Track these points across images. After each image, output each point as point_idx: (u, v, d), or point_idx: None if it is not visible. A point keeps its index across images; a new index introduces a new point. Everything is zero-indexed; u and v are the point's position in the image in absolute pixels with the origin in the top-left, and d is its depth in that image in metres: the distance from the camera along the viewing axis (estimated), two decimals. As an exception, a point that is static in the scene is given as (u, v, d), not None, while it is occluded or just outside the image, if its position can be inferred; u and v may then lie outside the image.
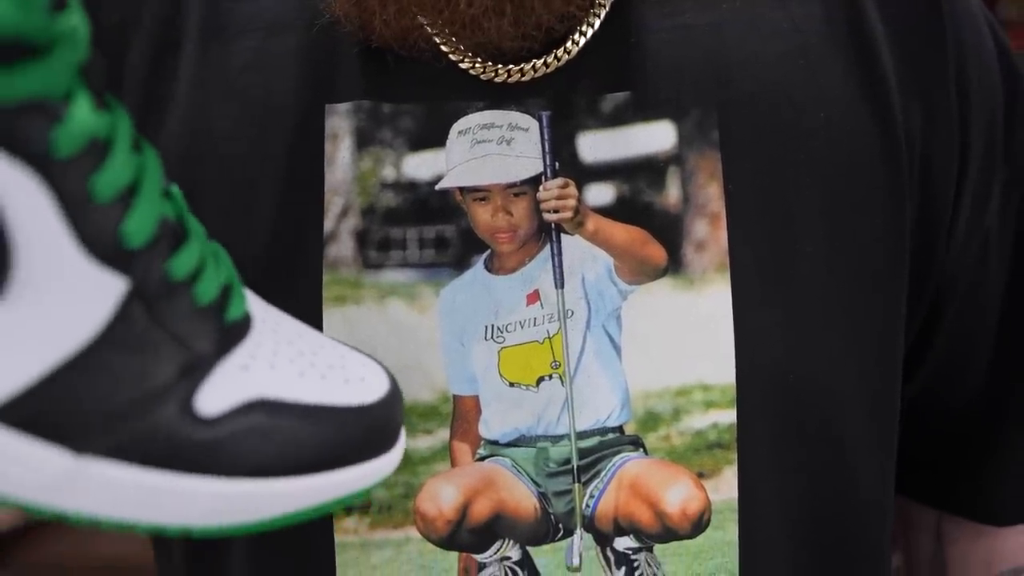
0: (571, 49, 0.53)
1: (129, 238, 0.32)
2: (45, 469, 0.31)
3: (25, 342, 0.30)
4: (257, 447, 0.35)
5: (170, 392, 0.33)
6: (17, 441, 0.30)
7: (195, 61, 0.54)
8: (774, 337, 0.52)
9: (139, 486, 0.33)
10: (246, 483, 0.34)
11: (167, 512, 0.33)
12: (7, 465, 0.30)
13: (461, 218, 0.52)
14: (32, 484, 0.31)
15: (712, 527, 0.51)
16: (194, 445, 0.33)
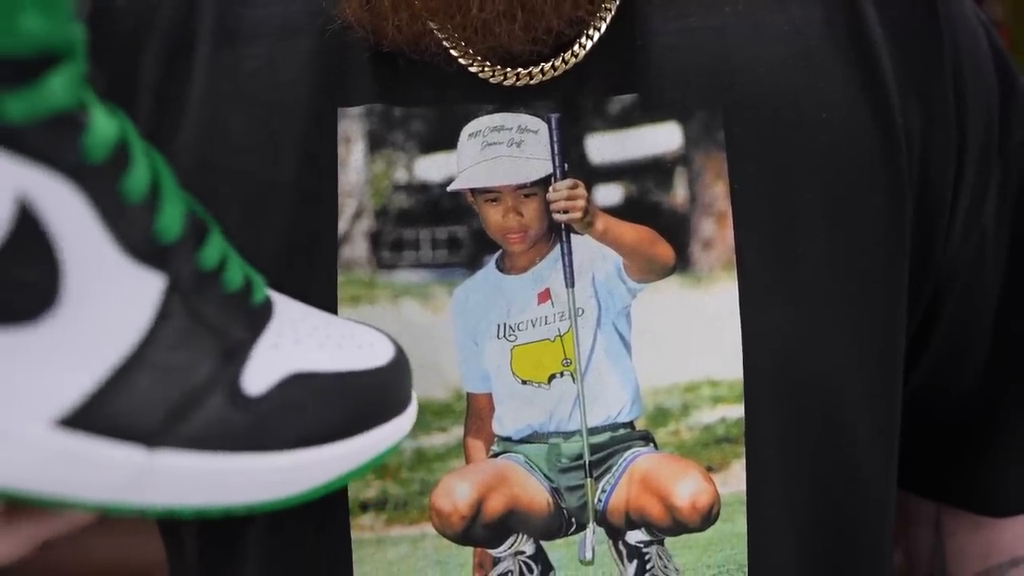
0: (578, 52, 0.54)
1: (163, 235, 0.33)
2: (122, 468, 0.32)
3: (83, 349, 0.31)
4: (300, 418, 0.36)
5: (218, 377, 0.34)
6: (93, 444, 0.31)
7: (208, 66, 0.55)
8: (780, 333, 0.53)
9: (206, 472, 0.34)
10: (296, 454, 0.36)
11: (234, 492, 0.35)
12: (87, 469, 0.31)
13: (473, 219, 0.53)
14: (112, 484, 0.32)
15: (721, 520, 0.53)
16: (246, 425, 0.34)
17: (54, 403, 0.30)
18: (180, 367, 0.33)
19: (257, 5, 0.56)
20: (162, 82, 0.55)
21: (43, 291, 0.30)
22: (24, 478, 0.30)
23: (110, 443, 0.32)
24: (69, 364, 0.31)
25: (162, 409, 0.32)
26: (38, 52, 0.29)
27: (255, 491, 0.35)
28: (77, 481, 0.31)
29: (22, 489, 0.30)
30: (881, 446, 0.57)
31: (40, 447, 0.30)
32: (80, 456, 0.31)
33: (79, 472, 0.31)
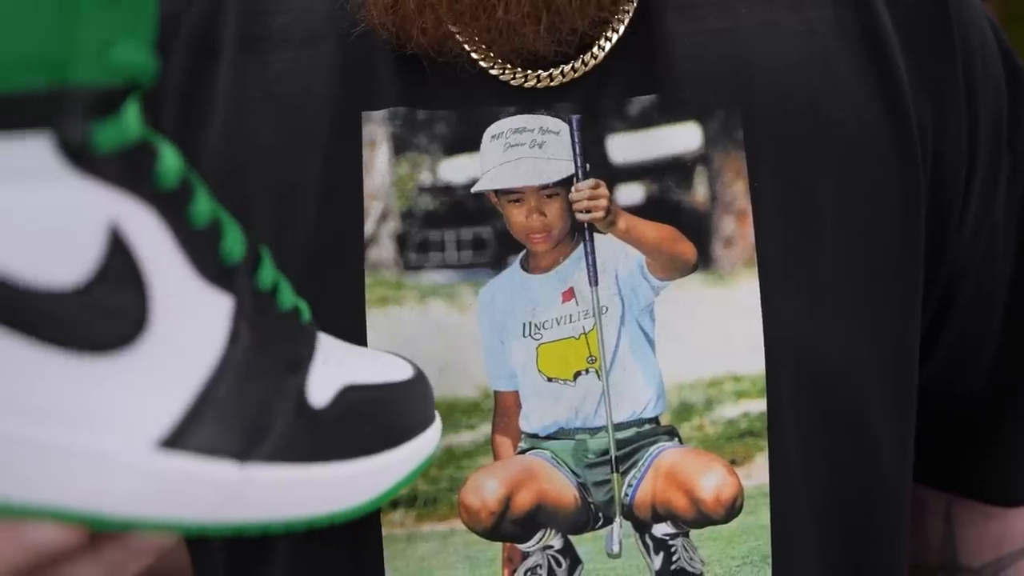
0: (597, 54, 0.55)
1: (228, 257, 0.34)
2: (221, 486, 0.33)
3: (172, 371, 0.31)
4: (358, 427, 0.37)
5: (287, 392, 0.35)
6: (193, 463, 0.32)
7: (233, 73, 0.56)
8: (801, 328, 0.54)
9: (292, 483, 0.35)
10: (362, 462, 0.37)
11: (316, 503, 0.35)
12: (190, 489, 0.32)
13: (497, 220, 0.54)
14: (212, 503, 0.33)
15: (745, 512, 0.53)
16: (316, 436, 0.35)
17: (153, 426, 0.31)
18: (254, 384, 0.34)
19: (280, 12, 0.56)
20: (188, 89, 0.56)
21: (134, 317, 0.31)
22: (132, 503, 0.31)
23: (208, 461, 0.32)
24: (161, 387, 0.31)
25: (244, 426, 0.33)
26: (124, 83, 0.29)
27: (334, 501, 0.36)
28: (181, 502, 0.32)
29: (131, 515, 0.31)
30: (898, 437, 0.58)
31: (147, 470, 0.31)
32: (183, 476, 0.32)
33: (183, 492, 0.32)
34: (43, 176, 0.28)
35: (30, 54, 0.26)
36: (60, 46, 0.27)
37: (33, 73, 0.27)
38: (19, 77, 0.26)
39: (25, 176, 0.28)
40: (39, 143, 0.28)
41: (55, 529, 0.31)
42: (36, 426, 0.29)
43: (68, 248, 0.29)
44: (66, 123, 0.28)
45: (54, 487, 0.29)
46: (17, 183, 0.28)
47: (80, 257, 0.29)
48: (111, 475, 0.30)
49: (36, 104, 0.27)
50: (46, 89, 0.27)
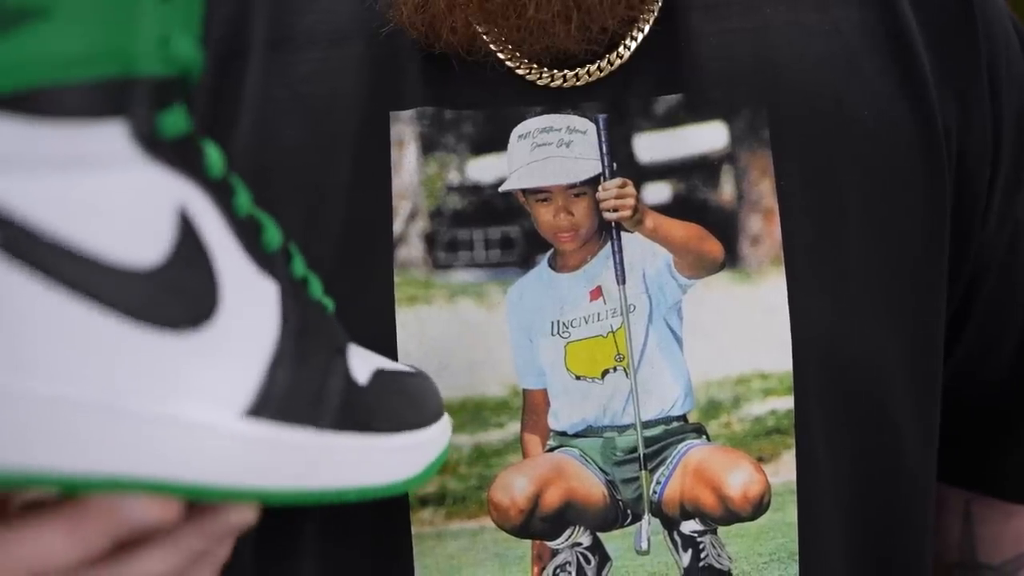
0: (623, 54, 0.55)
1: (269, 245, 0.35)
2: (305, 449, 0.34)
3: (243, 348, 0.33)
4: (396, 406, 0.39)
5: (336, 370, 0.36)
6: (280, 430, 0.33)
7: (261, 73, 0.56)
8: (828, 326, 0.54)
9: (363, 450, 0.36)
10: (406, 436, 0.39)
11: (380, 471, 0.38)
12: (279, 455, 0.33)
13: (524, 219, 0.54)
14: (299, 467, 0.34)
15: (772, 509, 0.54)
16: (367, 410, 0.37)
17: (238, 397, 0.32)
18: (310, 362, 0.35)
19: (308, 12, 0.57)
20: (216, 89, 0.56)
21: (206, 296, 0.32)
22: (228, 471, 0.31)
23: (292, 428, 0.34)
24: (236, 362, 0.32)
25: (310, 399, 0.34)
26: (180, 75, 0.31)
27: (392, 470, 0.39)
28: (271, 468, 0.33)
29: (226, 483, 0.31)
30: (923, 433, 0.59)
31: (241, 436, 0.32)
32: (272, 442, 0.33)
33: (272, 458, 0.33)
34: (120, 161, 0.30)
35: (101, 46, 0.27)
36: (126, 39, 0.28)
37: (105, 64, 0.28)
38: (93, 67, 0.27)
39: (105, 161, 0.29)
40: (114, 129, 0.29)
41: (151, 503, 0.31)
42: (133, 398, 0.29)
43: (146, 229, 0.30)
44: (136, 111, 0.29)
45: (154, 458, 0.30)
46: (99, 168, 0.29)
47: (156, 238, 0.31)
48: (207, 443, 0.31)
49: (109, 93, 0.28)
50: (117, 79, 0.28)
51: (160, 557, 0.34)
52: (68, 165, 0.28)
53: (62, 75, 0.27)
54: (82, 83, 0.28)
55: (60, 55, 0.27)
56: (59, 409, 0.27)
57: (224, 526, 0.34)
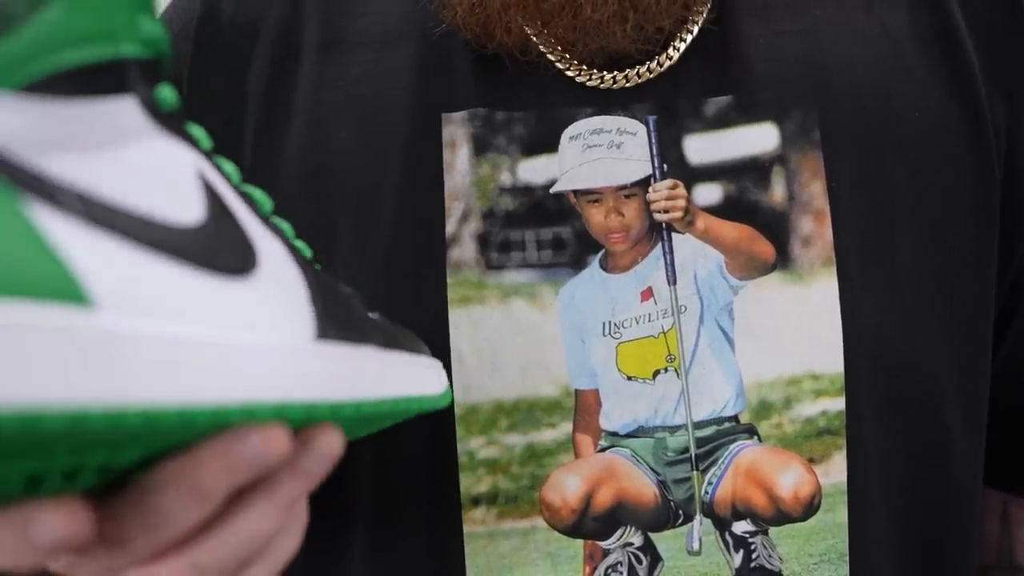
0: (672, 55, 0.55)
1: (262, 207, 0.37)
2: (368, 362, 0.38)
3: (287, 289, 0.35)
4: (402, 335, 0.44)
5: (353, 303, 0.40)
6: (351, 348, 0.37)
7: (313, 75, 0.56)
8: (879, 327, 0.54)
9: (407, 363, 0.42)
10: (425, 357, 0.45)
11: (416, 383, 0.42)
12: (352, 367, 0.36)
13: (576, 219, 0.55)
14: (366, 378, 0.37)
15: (823, 510, 0.54)
16: (387, 334, 0.41)
17: (303, 326, 0.34)
18: (332, 297, 0.38)
19: (360, 14, 0.57)
20: (269, 91, 0.57)
21: (247, 247, 0.34)
22: (312, 386, 0.33)
23: (359, 346, 0.37)
24: (289, 299, 0.34)
25: (353, 324, 0.38)
26: (156, 55, 0.32)
27: (425, 383, 0.44)
28: (347, 381, 0.35)
29: (313, 397, 0.33)
30: (971, 434, 0.59)
31: (320, 354, 0.34)
32: (345, 357, 0.36)
33: (347, 372, 0.36)
34: (141, 133, 0.31)
35: (94, 29, 0.29)
36: (107, 23, 0.29)
37: (101, 45, 0.29)
38: (94, 49, 0.29)
39: (130, 134, 0.30)
40: (128, 104, 0.30)
41: (268, 434, 0.31)
42: (227, 331, 0.30)
43: (181, 191, 0.32)
44: (137, 88, 0.31)
45: (261, 383, 0.31)
46: (129, 140, 0.30)
47: (192, 199, 0.32)
48: (299, 364, 0.33)
49: (113, 72, 0.30)
50: (114, 60, 0.30)
51: (266, 511, 0.34)
52: (103, 140, 0.29)
53: (75, 57, 0.28)
54: (90, 63, 0.29)
55: (70, 37, 0.28)
56: (176, 346, 0.28)
57: (316, 460, 0.34)
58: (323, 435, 0.34)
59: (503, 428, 0.53)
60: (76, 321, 0.24)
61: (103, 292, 0.26)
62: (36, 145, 0.26)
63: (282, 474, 0.34)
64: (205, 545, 0.33)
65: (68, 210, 0.26)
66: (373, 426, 0.44)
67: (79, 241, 0.26)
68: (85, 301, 0.25)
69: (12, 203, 0.24)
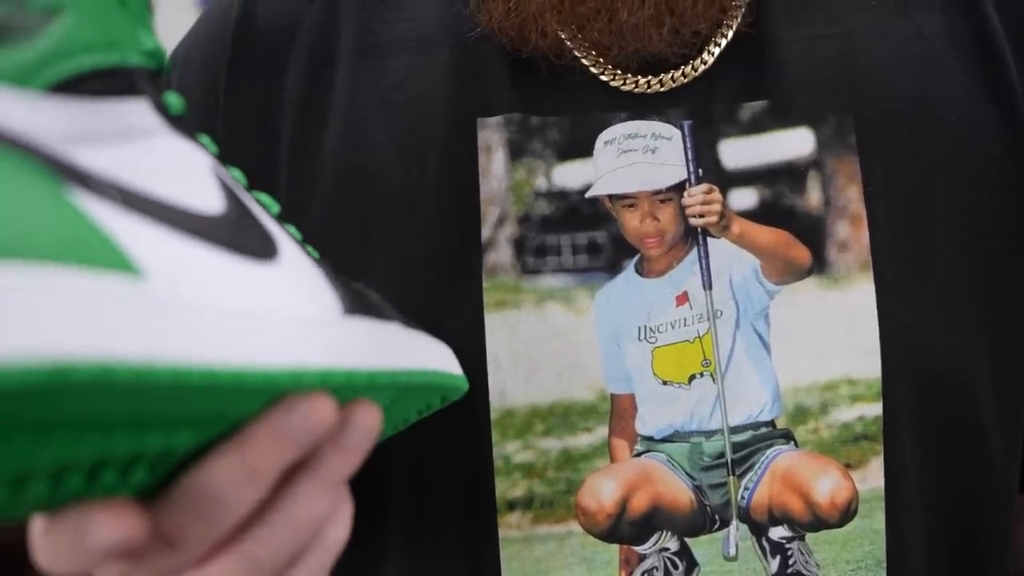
0: (707, 59, 0.55)
1: (271, 208, 0.38)
2: (394, 335, 0.39)
3: (308, 273, 0.36)
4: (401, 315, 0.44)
5: (353, 285, 0.41)
6: (374, 322, 0.38)
7: (349, 80, 0.57)
8: (916, 332, 0.54)
9: (424, 338, 0.44)
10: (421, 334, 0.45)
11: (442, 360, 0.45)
12: (377, 339, 0.37)
13: (611, 224, 0.55)
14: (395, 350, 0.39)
15: (859, 516, 0.54)
16: (392, 311, 0.42)
17: (331, 303, 0.36)
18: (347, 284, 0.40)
19: (395, 20, 0.57)
20: (306, 96, 0.57)
21: (267, 236, 0.35)
22: (347, 356, 0.34)
23: (382, 321, 0.39)
24: (311, 281, 0.36)
25: (372, 302, 0.39)
26: (157, 66, 0.33)
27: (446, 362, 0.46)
28: (378, 352, 0.37)
29: (352, 366, 0.34)
30: (1008, 440, 0.58)
31: (351, 327, 0.36)
32: (373, 330, 0.37)
33: (377, 344, 0.37)
34: (158, 131, 0.32)
35: (102, 37, 0.30)
36: (112, 34, 0.31)
37: (110, 52, 0.30)
38: (104, 55, 0.30)
39: (148, 132, 0.32)
40: (142, 105, 0.32)
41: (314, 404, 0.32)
42: (259, 301, 0.32)
43: (202, 184, 0.33)
44: (148, 92, 0.32)
45: (303, 350, 0.32)
46: (150, 137, 0.32)
47: (211, 192, 0.33)
48: (336, 335, 0.34)
49: (122, 77, 0.31)
50: (122, 66, 0.31)
51: (314, 492, 0.34)
52: (123, 135, 0.30)
53: (88, 61, 0.29)
54: (102, 67, 0.30)
55: (81, 45, 0.29)
56: (222, 313, 0.29)
57: (357, 433, 0.35)
58: (362, 410, 0.35)
59: (539, 432, 0.53)
60: (131, 287, 0.25)
61: (149, 265, 0.27)
62: (66, 139, 0.28)
63: (326, 452, 0.34)
64: (258, 536, 0.33)
65: (104, 195, 0.27)
66: (406, 411, 0.44)
67: (118, 222, 0.27)
68: (135, 271, 0.26)
69: (55, 188, 0.25)
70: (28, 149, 0.26)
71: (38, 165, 0.25)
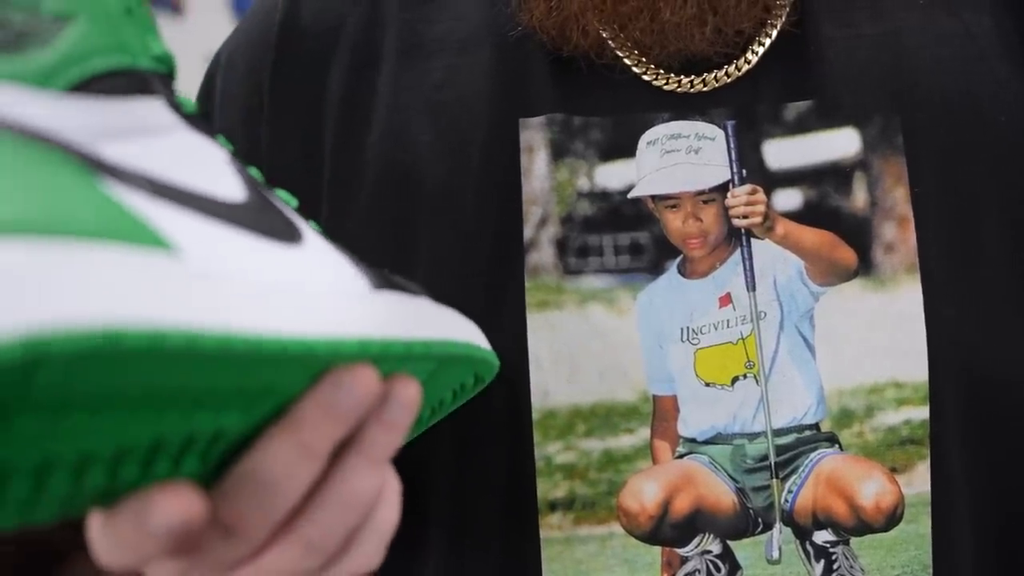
0: (751, 59, 0.55)
1: (289, 203, 0.39)
2: (422, 307, 0.40)
3: (332, 254, 0.37)
4: None
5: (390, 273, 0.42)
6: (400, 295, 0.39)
7: (392, 80, 0.57)
8: (964, 335, 0.53)
9: (450, 312, 0.44)
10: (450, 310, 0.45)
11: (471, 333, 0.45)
12: (404, 310, 0.38)
13: (653, 225, 0.54)
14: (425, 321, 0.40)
15: (905, 521, 0.53)
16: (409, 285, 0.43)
17: (358, 280, 0.37)
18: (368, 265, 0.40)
19: (438, 21, 0.58)
20: (349, 97, 0.57)
21: (290, 221, 0.36)
22: (382, 327, 0.35)
23: (407, 294, 0.40)
24: (336, 261, 0.37)
25: (395, 279, 0.40)
26: (168, 70, 0.35)
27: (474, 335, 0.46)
28: (409, 323, 0.38)
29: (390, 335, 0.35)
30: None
31: (382, 299, 0.37)
32: (398, 300, 0.38)
33: (408, 315, 0.38)
34: (174, 127, 0.34)
35: (112, 42, 0.32)
36: (122, 39, 0.32)
37: (121, 56, 0.32)
38: (115, 58, 0.32)
39: (166, 128, 0.33)
40: (157, 103, 0.33)
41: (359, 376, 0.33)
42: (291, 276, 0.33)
43: (221, 175, 0.34)
44: (161, 92, 0.34)
45: (332, 320, 0.32)
46: (169, 132, 0.33)
47: (232, 182, 0.35)
48: (364, 304, 0.35)
49: (135, 78, 0.32)
50: (134, 69, 0.33)
51: (361, 468, 0.35)
52: (143, 131, 0.32)
53: (103, 63, 0.31)
54: (117, 69, 0.32)
55: (94, 48, 0.31)
56: (259, 287, 0.30)
57: (399, 407, 0.35)
58: (402, 384, 0.36)
59: (580, 433, 0.53)
60: (172, 262, 0.27)
61: (183, 243, 0.28)
62: (90, 135, 0.29)
63: (369, 428, 0.35)
64: (311, 518, 0.34)
65: (132, 184, 0.29)
66: (441, 389, 0.45)
67: (149, 207, 0.28)
68: (171, 248, 0.27)
69: (88, 179, 0.26)
70: (59, 144, 0.27)
71: (70, 158, 0.27)
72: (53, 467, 0.26)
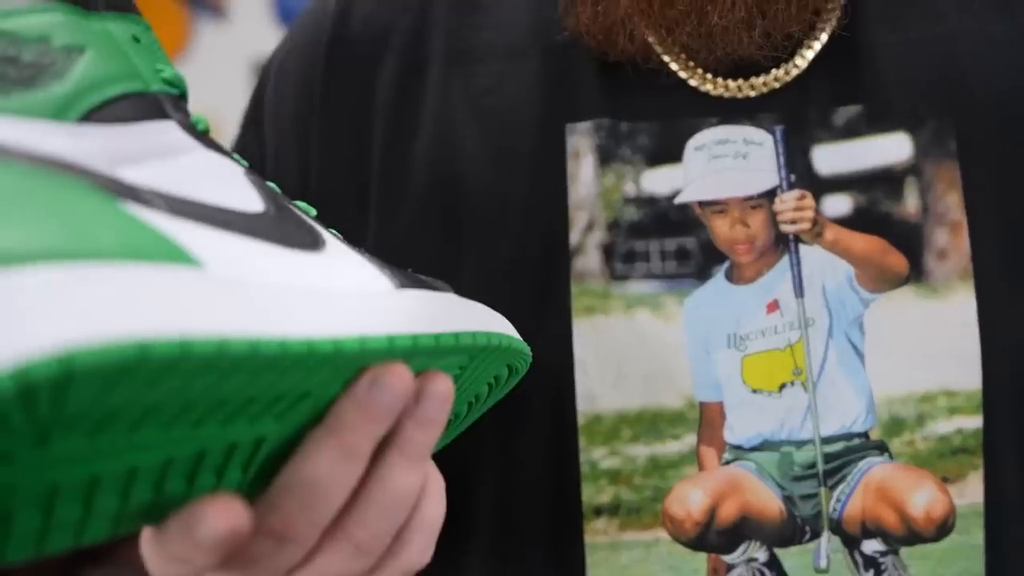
0: (800, 64, 0.55)
1: (308, 212, 0.40)
2: (448, 302, 0.41)
3: (354, 258, 0.38)
4: None
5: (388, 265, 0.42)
6: (425, 293, 0.40)
7: (440, 86, 0.57)
8: (1021, 343, 0.52)
9: (475, 304, 0.43)
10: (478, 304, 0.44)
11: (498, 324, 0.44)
12: (431, 305, 0.39)
13: (701, 230, 0.54)
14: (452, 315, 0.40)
15: (957, 531, 0.52)
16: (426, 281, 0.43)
17: (382, 281, 0.38)
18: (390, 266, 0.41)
19: (485, 27, 0.58)
20: (397, 102, 0.58)
21: (311, 229, 0.37)
22: (408, 323, 0.36)
23: (430, 291, 0.40)
24: (360, 264, 0.38)
25: (418, 278, 0.41)
26: (180, 93, 0.37)
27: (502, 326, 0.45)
28: (437, 319, 0.38)
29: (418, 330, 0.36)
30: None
31: (407, 297, 0.38)
32: (424, 298, 0.39)
33: (435, 311, 0.39)
34: (190, 147, 0.35)
35: (124, 70, 0.34)
36: (133, 66, 0.34)
37: (132, 82, 0.34)
38: (127, 85, 0.33)
39: (183, 148, 0.35)
40: (171, 125, 0.35)
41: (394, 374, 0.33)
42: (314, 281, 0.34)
43: (240, 189, 0.36)
44: (174, 114, 0.35)
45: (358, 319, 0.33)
46: (185, 152, 0.35)
47: (250, 195, 0.36)
48: (390, 302, 0.36)
49: (148, 102, 0.34)
50: (146, 93, 0.34)
51: (402, 465, 0.36)
52: (160, 153, 0.33)
53: (115, 90, 0.33)
54: (130, 93, 0.33)
55: (106, 78, 0.32)
56: (282, 292, 0.31)
57: (433, 403, 0.36)
58: (434, 380, 0.37)
59: (626, 439, 0.53)
60: (194, 274, 0.28)
61: (205, 256, 0.29)
62: (110, 160, 0.31)
63: (405, 426, 0.36)
64: (357, 518, 0.35)
65: (151, 204, 0.30)
66: (476, 383, 0.45)
67: (170, 225, 0.30)
68: (194, 261, 0.28)
69: (110, 202, 0.28)
70: (80, 171, 0.29)
71: (90, 184, 0.28)
72: (99, 485, 0.27)
